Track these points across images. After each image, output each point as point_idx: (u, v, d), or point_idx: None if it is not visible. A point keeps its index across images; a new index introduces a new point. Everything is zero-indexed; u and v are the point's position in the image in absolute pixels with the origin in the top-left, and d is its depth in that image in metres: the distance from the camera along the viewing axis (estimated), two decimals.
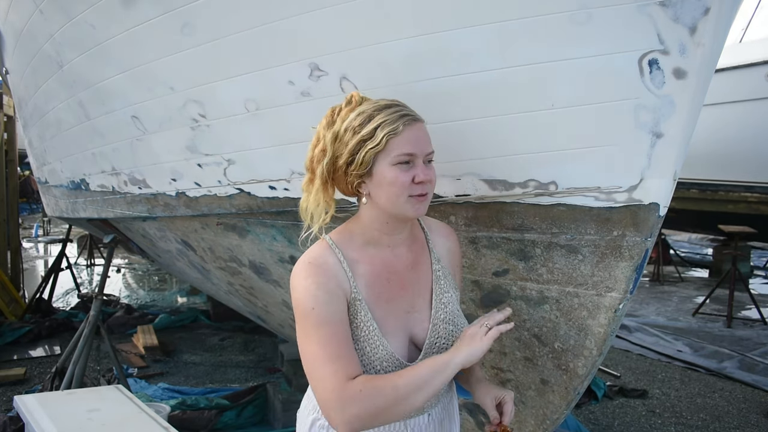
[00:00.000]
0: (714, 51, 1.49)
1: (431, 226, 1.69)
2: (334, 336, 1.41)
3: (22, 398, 3.00)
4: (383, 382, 1.39)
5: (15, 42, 3.80)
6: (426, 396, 1.39)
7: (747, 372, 5.35)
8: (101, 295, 4.25)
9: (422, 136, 1.47)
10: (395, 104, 1.48)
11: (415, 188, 1.45)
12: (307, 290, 1.43)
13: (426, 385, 1.38)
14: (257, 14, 1.99)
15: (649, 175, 1.60)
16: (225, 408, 4.09)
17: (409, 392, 1.37)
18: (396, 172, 1.44)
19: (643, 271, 1.73)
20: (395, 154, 1.43)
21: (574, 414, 4.27)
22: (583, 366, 1.81)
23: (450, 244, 1.69)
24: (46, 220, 14.81)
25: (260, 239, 2.82)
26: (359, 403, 1.35)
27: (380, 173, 1.45)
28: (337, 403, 1.36)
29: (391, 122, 1.43)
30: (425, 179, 1.45)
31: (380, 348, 1.46)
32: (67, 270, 7.84)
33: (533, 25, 1.57)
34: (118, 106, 2.92)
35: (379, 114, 1.45)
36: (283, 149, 2.25)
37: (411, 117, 1.46)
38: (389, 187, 1.45)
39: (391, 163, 1.44)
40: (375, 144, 1.43)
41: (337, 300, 1.45)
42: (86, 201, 4.24)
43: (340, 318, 1.44)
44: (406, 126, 1.43)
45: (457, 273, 1.71)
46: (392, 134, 1.42)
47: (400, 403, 1.37)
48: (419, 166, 1.45)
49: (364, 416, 1.37)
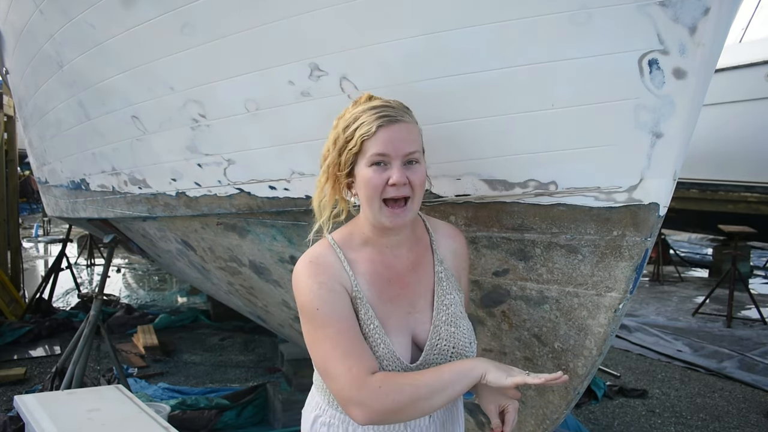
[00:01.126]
0: (714, 51, 1.49)
1: (437, 227, 1.67)
2: (343, 333, 1.41)
3: (22, 398, 3.00)
4: (404, 379, 1.39)
5: (15, 42, 3.80)
6: (446, 399, 1.40)
7: (747, 372, 5.36)
8: (101, 295, 4.25)
9: (399, 136, 1.43)
10: (383, 105, 1.47)
11: (389, 190, 1.42)
12: (311, 291, 1.43)
13: (447, 387, 1.38)
14: (257, 14, 1.99)
15: (649, 175, 1.60)
16: (225, 408, 4.09)
17: (429, 392, 1.37)
18: (370, 172, 1.43)
19: (643, 271, 1.73)
20: (368, 155, 1.43)
21: (574, 414, 4.27)
22: (583, 366, 1.81)
23: (456, 245, 1.67)
24: (46, 220, 14.82)
25: (260, 239, 2.82)
26: (380, 399, 1.36)
27: (359, 175, 1.46)
28: (357, 399, 1.36)
29: (367, 123, 1.43)
30: (398, 181, 1.41)
31: (382, 346, 1.46)
32: (67, 270, 7.85)
33: (533, 25, 1.57)
34: (118, 106, 2.92)
35: (363, 115, 1.45)
36: (283, 149, 2.26)
37: (389, 118, 1.43)
38: (364, 188, 1.45)
39: (366, 164, 1.44)
40: (353, 146, 1.44)
41: (341, 297, 1.45)
42: (86, 201, 4.24)
43: (347, 314, 1.44)
44: (380, 127, 1.42)
45: (463, 275, 1.69)
46: (366, 135, 1.42)
47: (419, 401, 1.37)
48: (395, 167, 1.42)
49: (386, 411, 1.37)
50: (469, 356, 1.54)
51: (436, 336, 1.53)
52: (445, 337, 1.53)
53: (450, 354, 1.52)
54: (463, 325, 1.56)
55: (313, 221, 1.59)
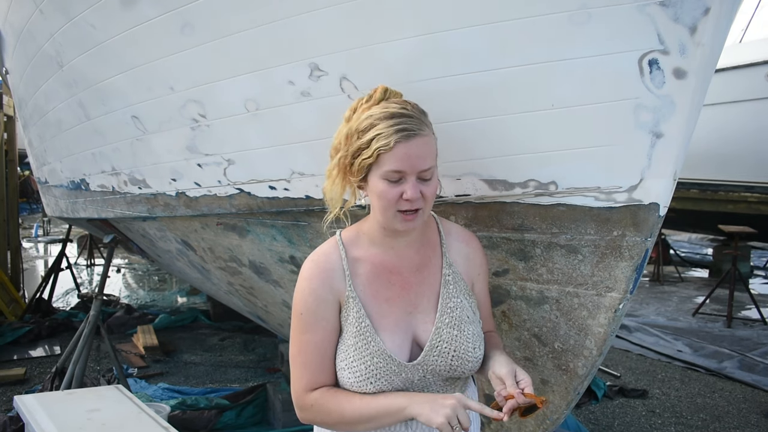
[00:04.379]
0: (714, 51, 1.49)
1: (450, 231, 1.66)
2: (310, 345, 1.51)
3: (22, 398, 3.00)
4: (334, 404, 1.49)
5: (15, 42, 3.80)
6: (374, 427, 1.49)
7: (747, 372, 5.36)
8: (101, 295, 4.25)
9: (417, 152, 1.41)
10: (401, 114, 1.43)
11: (403, 204, 1.43)
12: (302, 293, 1.52)
13: (373, 420, 1.47)
14: (257, 14, 1.99)
15: (649, 175, 1.60)
16: (225, 408, 4.09)
17: (354, 420, 1.48)
18: (385, 186, 1.43)
19: (643, 271, 1.73)
20: (384, 170, 1.42)
21: (574, 414, 4.27)
22: (583, 366, 1.81)
23: (468, 250, 1.65)
24: (46, 220, 14.83)
25: (260, 239, 2.82)
26: (310, 414, 1.52)
27: (373, 183, 1.46)
28: (296, 404, 1.54)
29: (386, 136, 1.40)
30: (413, 197, 1.41)
31: (372, 344, 1.48)
32: (67, 270, 7.85)
33: (533, 25, 1.57)
34: (118, 106, 2.92)
35: (380, 123, 1.43)
36: (283, 149, 2.25)
37: (407, 133, 1.41)
38: (378, 199, 1.46)
39: (381, 177, 1.43)
40: (368, 155, 1.43)
41: (326, 307, 1.51)
42: (86, 201, 4.24)
43: (323, 326, 1.51)
44: (398, 142, 1.40)
45: (478, 281, 1.66)
46: (384, 149, 1.40)
47: (344, 425, 1.50)
48: (410, 182, 1.42)
49: (316, 423, 1.57)
50: (471, 361, 1.53)
51: (437, 338, 1.53)
52: (447, 339, 1.53)
53: (450, 357, 1.52)
54: (468, 330, 1.54)
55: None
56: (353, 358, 1.48)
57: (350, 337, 1.50)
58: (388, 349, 1.49)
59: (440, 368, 1.52)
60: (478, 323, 1.59)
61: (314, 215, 2.33)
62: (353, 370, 1.48)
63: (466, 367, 1.54)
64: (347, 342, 1.50)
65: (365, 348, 1.48)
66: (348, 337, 1.50)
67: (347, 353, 1.50)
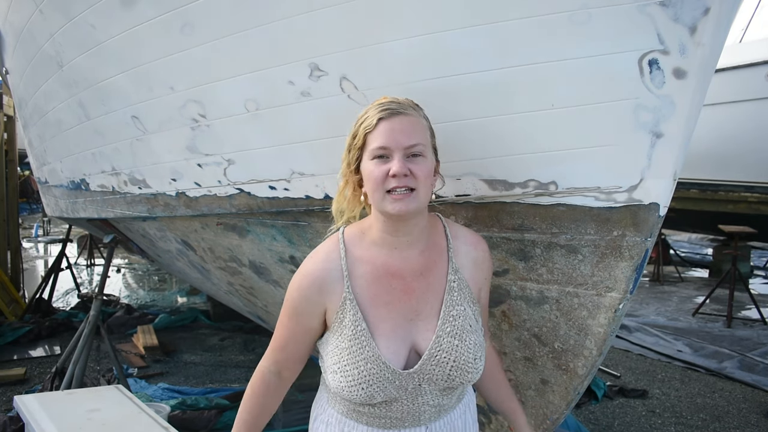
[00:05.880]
0: (714, 51, 1.49)
1: (458, 234, 1.60)
2: (284, 329, 1.56)
3: (22, 398, 3.00)
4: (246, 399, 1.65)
5: (15, 42, 3.80)
6: None
7: (747, 372, 5.35)
8: (101, 295, 4.25)
9: (400, 128, 1.42)
10: (390, 101, 1.47)
11: (390, 182, 1.41)
12: (292, 284, 1.54)
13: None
14: (257, 14, 1.99)
15: (649, 175, 1.60)
16: (225, 408, 4.09)
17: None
18: (372, 166, 1.44)
19: (643, 271, 1.73)
20: (370, 149, 1.44)
21: (574, 414, 4.27)
22: (583, 366, 1.81)
23: (477, 254, 1.59)
24: (46, 220, 14.83)
25: (260, 239, 2.82)
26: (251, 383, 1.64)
27: (364, 170, 1.47)
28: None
29: (370, 118, 1.44)
30: (398, 172, 1.39)
31: (366, 349, 1.43)
32: (67, 270, 7.85)
33: (533, 25, 1.57)
34: (118, 106, 2.92)
35: (369, 111, 1.47)
36: (283, 149, 2.25)
37: (390, 111, 1.43)
38: (368, 182, 1.46)
39: (369, 158, 1.45)
40: (357, 140, 1.47)
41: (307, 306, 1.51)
42: (86, 201, 4.24)
43: (299, 321, 1.53)
44: (381, 120, 1.43)
45: (484, 286, 1.62)
46: (368, 128, 1.44)
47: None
48: (395, 158, 1.41)
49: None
50: (470, 372, 1.50)
51: (437, 347, 1.47)
52: (447, 349, 1.47)
53: (450, 367, 1.47)
54: (469, 340, 1.49)
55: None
56: (346, 362, 1.44)
57: (345, 340, 1.45)
58: (382, 355, 1.43)
59: (437, 378, 1.47)
60: (481, 332, 1.53)
61: (314, 215, 2.33)
62: (345, 374, 1.44)
63: (465, 378, 1.49)
64: (341, 345, 1.45)
65: (359, 353, 1.43)
66: (342, 340, 1.45)
67: (341, 356, 1.45)
